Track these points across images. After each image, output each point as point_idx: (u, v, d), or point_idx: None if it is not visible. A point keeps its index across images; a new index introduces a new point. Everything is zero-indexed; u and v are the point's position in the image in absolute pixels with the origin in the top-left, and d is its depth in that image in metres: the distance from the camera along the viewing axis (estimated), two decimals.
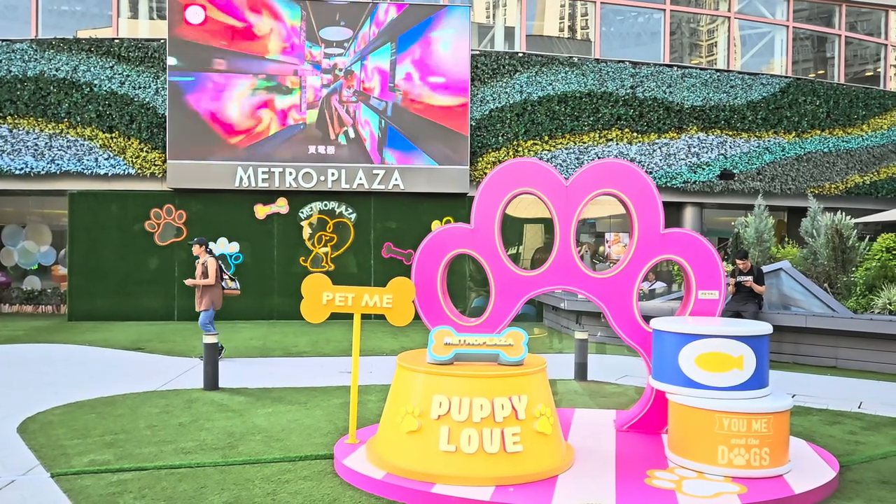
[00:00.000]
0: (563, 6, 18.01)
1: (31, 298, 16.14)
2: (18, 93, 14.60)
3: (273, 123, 14.35)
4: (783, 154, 16.98)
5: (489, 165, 15.23)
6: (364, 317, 5.29)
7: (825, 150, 17.36)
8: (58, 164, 14.56)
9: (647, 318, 5.27)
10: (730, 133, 16.63)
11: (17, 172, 14.55)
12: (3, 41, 14.73)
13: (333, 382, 7.85)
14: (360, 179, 14.48)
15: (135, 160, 14.63)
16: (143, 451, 5.14)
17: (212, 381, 7.41)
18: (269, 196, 14.62)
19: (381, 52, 14.60)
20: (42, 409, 6.43)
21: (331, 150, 14.52)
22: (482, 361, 4.69)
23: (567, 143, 15.75)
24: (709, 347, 4.58)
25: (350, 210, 14.84)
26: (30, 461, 4.92)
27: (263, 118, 14.32)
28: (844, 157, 17.55)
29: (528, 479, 4.30)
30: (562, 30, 18.13)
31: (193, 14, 14.12)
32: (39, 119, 14.61)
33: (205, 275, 9.11)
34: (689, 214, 17.03)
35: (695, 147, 16.36)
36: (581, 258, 5.48)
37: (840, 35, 18.77)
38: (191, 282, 9.26)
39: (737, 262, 9.94)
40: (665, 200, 5.92)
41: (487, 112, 15.46)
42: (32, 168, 14.56)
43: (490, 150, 15.43)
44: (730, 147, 16.59)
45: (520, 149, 15.49)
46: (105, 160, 14.63)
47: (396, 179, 14.54)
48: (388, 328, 12.61)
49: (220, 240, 14.54)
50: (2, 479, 4.52)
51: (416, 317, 5.30)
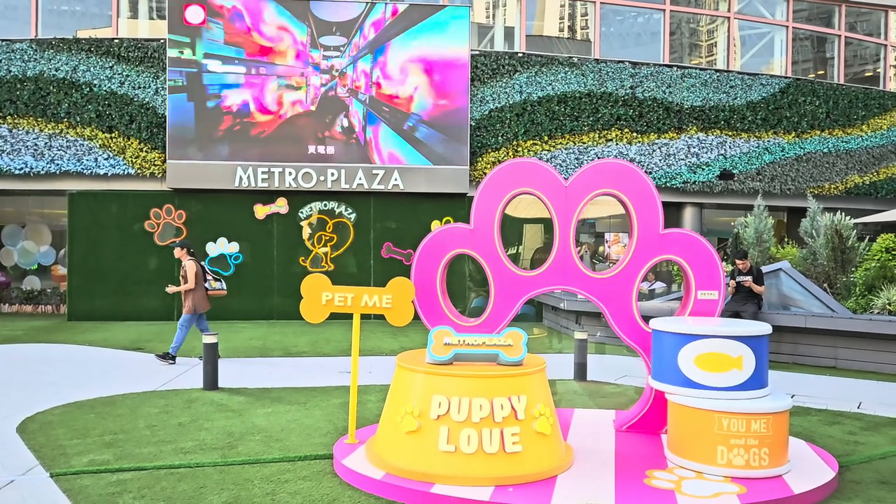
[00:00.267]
0: (563, 6, 18.01)
1: (31, 298, 16.14)
2: (18, 93, 14.60)
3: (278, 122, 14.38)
4: (783, 154, 16.99)
5: (489, 165, 15.23)
6: (364, 317, 5.29)
7: (825, 151, 17.36)
8: (57, 164, 14.56)
9: (647, 319, 5.27)
10: (729, 133, 16.63)
11: (17, 172, 14.55)
12: (3, 41, 14.73)
13: (333, 382, 7.85)
14: (360, 179, 14.48)
15: (134, 160, 14.64)
16: (143, 451, 5.14)
17: (211, 381, 7.42)
18: (269, 196, 14.62)
19: (379, 52, 14.61)
20: (42, 409, 6.44)
21: (330, 150, 14.52)
22: (481, 361, 4.69)
23: (567, 144, 15.75)
24: (708, 348, 4.58)
25: (350, 210, 14.84)
26: (29, 461, 4.92)
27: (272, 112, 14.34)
28: (844, 158, 17.56)
29: (528, 480, 4.30)
30: (561, 30, 18.13)
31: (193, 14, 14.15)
32: (39, 119, 14.61)
33: (186, 279, 9.03)
34: (689, 215, 17.03)
35: (694, 147, 16.36)
36: (581, 258, 5.48)
37: (840, 35, 18.77)
38: (172, 289, 9.22)
39: (736, 263, 9.95)
40: (664, 200, 5.93)
41: (487, 112, 15.46)
42: (32, 168, 14.56)
43: (490, 151, 15.43)
44: (729, 147, 16.60)
45: (519, 149, 15.49)
46: (105, 160, 14.63)
47: (396, 179, 14.54)
48: (388, 328, 12.61)
49: (220, 240, 14.54)
50: (1, 479, 4.52)
51: (416, 317, 5.30)
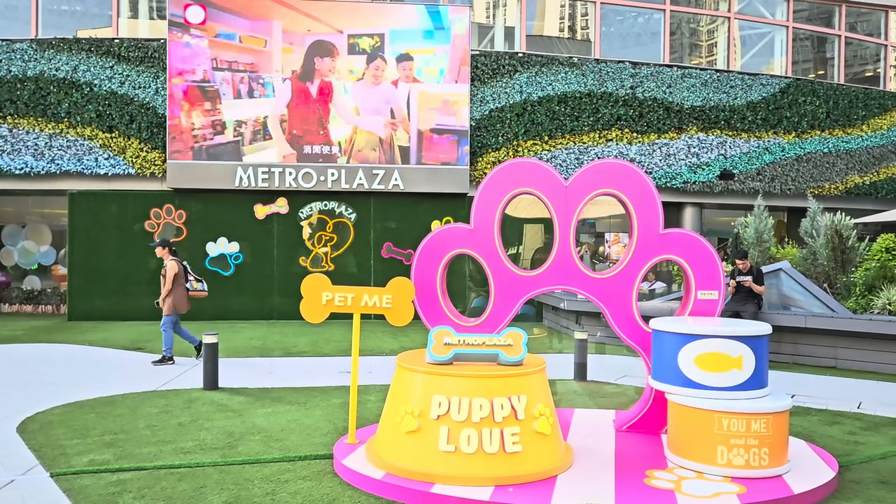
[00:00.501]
0: (563, 6, 18.01)
1: (31, 298, 16.14)
2: (18, 93, 14.60)
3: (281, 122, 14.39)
4: (783, 154, 16.98)
5: (489, 165, 15.23)
6: (364, 317, 5.30)
7: (825, 151, 17.36)
8: (58, 164, 14.56)
9: (647, 319, 5.27)
10: (729, 133, 16.63)
11: (17, 172, 14.55)
12: (3, 41, 14.73)
13: (333, 382, 7.85)
14: (360, 179, 14.48)
15: (135, 160, 14.64)
16: (143, 451, 5.14)
17: (211, 381, 7.42)
18: (269, 196, 14.61)
19: (380, 52, 14.62)
20: (42, 409, 6.44)
21: (332, 150, 14.51)
22: (481, 361, 4.69)
23: (567, 144, 15.75)
24: (708, 347, 4.58)
25: (350, 210, 14.84)
26: (29, 461, 4.92)
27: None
28: (844, 158, 17.55)
29: (528, 479, 4.30)
30: (562, 30, 18.13)
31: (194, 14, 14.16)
32: (39, 119, 14.61)
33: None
34: (689, 215, 17.03)
35: (694, 147, 16.36)
36: (581, 258, 5.48)
37: (840, 35, 18.77)
38: (162, 298, 8.96)
39: (736, 263, 9.95)
40: (665, 201, 5.93)
41: (487, 112, 15.46)
42: (32, 168, 14.56)
43: (490, 151, 15.43)
44: (729, 147, 16.60)
45: (520, 149, 15.49)
46: (105, 160, 14.64)
47: (396, 179, 14.54)
48: (388, 328, 12.61)
49: (221, 240, 14.54)
50: (1, 479, 4.52)
51: (416, 317, 5.30)
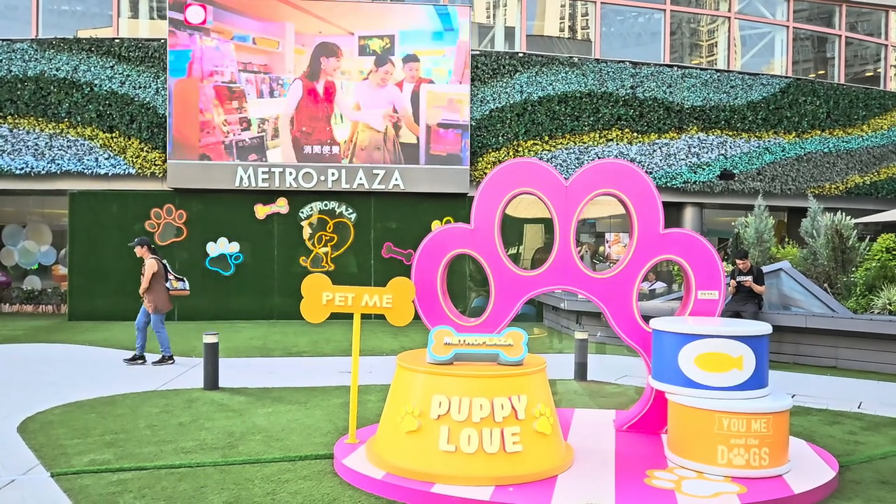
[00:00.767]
0: (564, 6, 18.01)
1: (32, 298, 16.14)
2: (19, 92, 14.60)
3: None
4: (783, 154, 16.98)
5: (489, 165, 15.23)
6: (364, 317, 5.30)
7: (825, 151, 17.35)
8: (58, 164, 14.56)
9: (647, 318, 5.27)
10: (730, 133, 16.62)
11: (18, 172, 14.55)
12: (4, 41, 14.74)
13: (333, 382, 7.86)
14: (361, 179, 14.48)
15: (135, 160, 14.64)
16: (143, 451, 5.14)
17: (212, 381, 7.42)
18: (270, 196, 14.62)
19: (383, 52, 14.62)
20: (42, 409, 6.44)
21: (336, 149, 14.52)
22: (482, 361, 4.69)
23: (567, 144, 15.75)
24: (708, 347, 4.58)
25: (350, 210, 14.84)
26: (30, 461, 4.92)
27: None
28: (844, 158, 17.55)
29: (528, 479, 4.30)
30: (562, 30, 18.13)
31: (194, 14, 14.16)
32: (40, 119, 14.61)
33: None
34: (689, 215, 17.03)
35: (695, 147, 16.36)
36: (581, 258, 5.48)
37: (840, 35, 18.77)
38: (142, 291, 8.88)
39: (737, 262, 9.95)
40: (665, 200, 5.93)
41: (487, 112, 15.46)
42: (33, 168, 14.56)
43: (490, 150, 15.43)
44: (730, 147, 16.59)
45: (520, 149, 15.49)
46: (105, 160, 14.64)
47: (396, 179, 14.54)
48: (388, 328, 12.61)
49: (221, 240, 14.55)
50: (2, 479, 4.52)
51: (416, 317, 5.30)
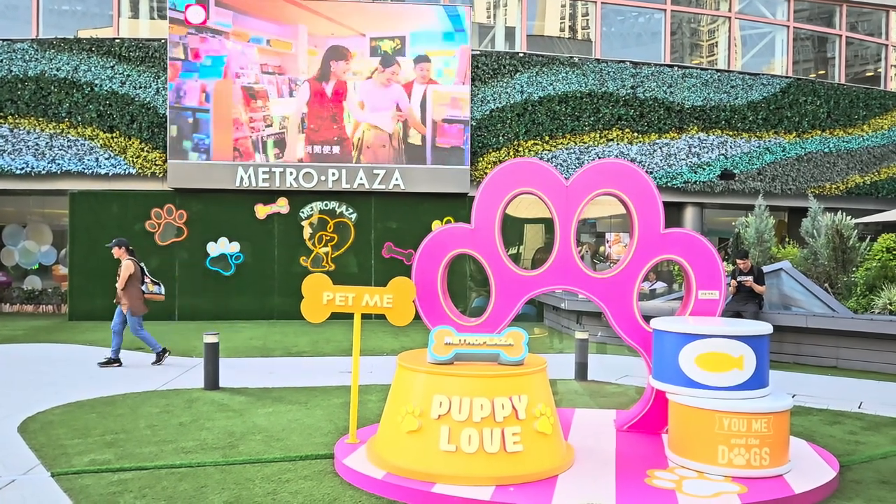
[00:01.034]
0: (564, 6, 18.01)
1: (32, 298, 16.14)
2: (19, 92, 14.61)
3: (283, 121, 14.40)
4: (784, 154, 16.98)
5: (490, 165, 15.23)
6: (364, 317, 5.29)
7: (826, 151, 17.35)
8: (58, 164, 14.57)
9: (648, 318, 5.27)
10: (730, 133, 16.62)
11: (18, 172, 14.56)
12: (4, 41, 14.74)
13: (334, 382, 7.85)
14: (361, 179, 14.48)
15: (135, 160, 14.64)
16: (144, 451, 5.14)
17: (212, 381, 7.42)
18: (270, 196, 14.61)
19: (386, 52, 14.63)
20: (42, 409, 6.44)
21: (333, 150, 14.52)
22: (482, 361, 4.69)
23: (567, 143, 15.75)
24: (709, 347, 4.58)
25: (350, 210, 14.84)
26: (30, 461, 4.92)
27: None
28: (845, 158, 17.55)
29: (529, 479, 4.30)
30: (562, 30, 18.12)
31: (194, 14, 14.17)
32: (40, 119, 14.62)
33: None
34: (690, 214, 17.02)
35: (695, 147, 16.36)
36: (581, 258, 5.48)
37: (841, 35, 18.76)
38: (119, 288, 8.86)
39: (737, 262, 9.95)
40: (665, 200, 5.93)
41: (488, 112, 15.46)
42: (33, 168, 14.57)
43: (490, 150, 15.43)
44: (730, 147, 16.59)
45: (520, 149, 15.49)
46: (106, 160, 14.64)
47: (397, 179, 14.53)
48: (389, 328, 12.61)
49: (221, 239, 14.55)
50: (2, 479, 4.52)
51: (417, 317, 5.30)
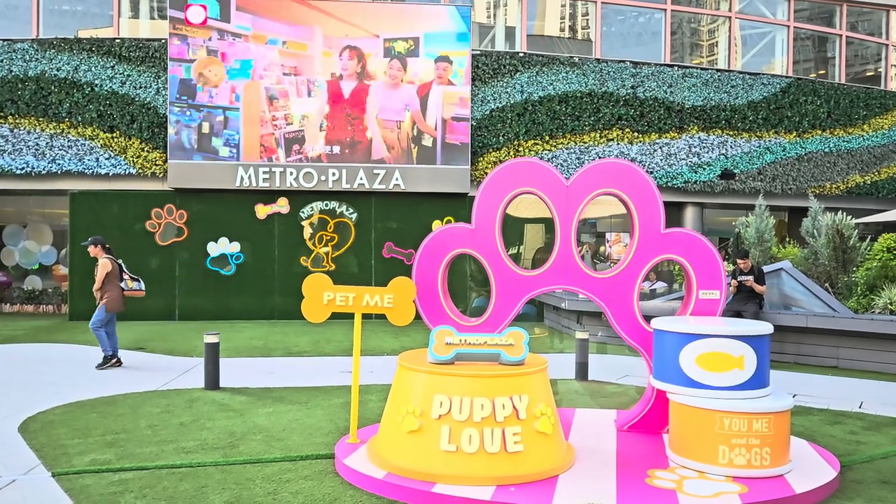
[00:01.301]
0: (564, 6, 18.00)
1: (32, 298, 16.14)
2: (19, 92, 14.61)
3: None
4: (784, 154, 16.97)
5: (490, 165, 15.22)
6: (365, 316, 5.29)
7: (826, 150, 17.35)
8: (59, 164, 14.57)
9: (648, 318, 5.27)
10: (731, 133, 16.62)
11: (18, 172, 14.56)
12: (4, 41, 14.74)
13: (334, 382, 7.85)
14: (361, 179, 14.48)
15: (136, 160, 14.64)
16: (144, 451, 5.14)
17: (213, 381, 7.42)
18: (270, 196, 14.61)
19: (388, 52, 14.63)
20: (43, 409, 6.44)
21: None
22: (483, 361, 4.69)
23: (568, 143, 15.75)
24: (710, 347, 4.58)
25: (351, 210, 14.84)
26: (31, 461, 4.92)
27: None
28: (845, 157, 17.54)
29: (529, 479, 4.30)
30: (562, 30, 18.12)
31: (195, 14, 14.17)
32: (40, 119, 14.62)
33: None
34: (690, 214, 17.02)
35: (696, 147, 16.35)
36: (582, 258, 5.48)
37: (841, 35, 18.76)
38: (96, 288, 8.82)
39: (738, 262, 9.95)
40: (666, 200, 5.92)
41: (488, 112, 15.46)
42: (33, 168, 14.57)
43: (491, 150, 15.42)
44: (731, 147, 16.59)
45: (520, 149, 15.49)
46: (106, 160, 14.64)
47: (397, 179, 14.54)
48: (389, 328, 12.61)
49: (221, 239, 14.54)
50: (3, 479, 4.52)
51: (417, 316, 5.30)
